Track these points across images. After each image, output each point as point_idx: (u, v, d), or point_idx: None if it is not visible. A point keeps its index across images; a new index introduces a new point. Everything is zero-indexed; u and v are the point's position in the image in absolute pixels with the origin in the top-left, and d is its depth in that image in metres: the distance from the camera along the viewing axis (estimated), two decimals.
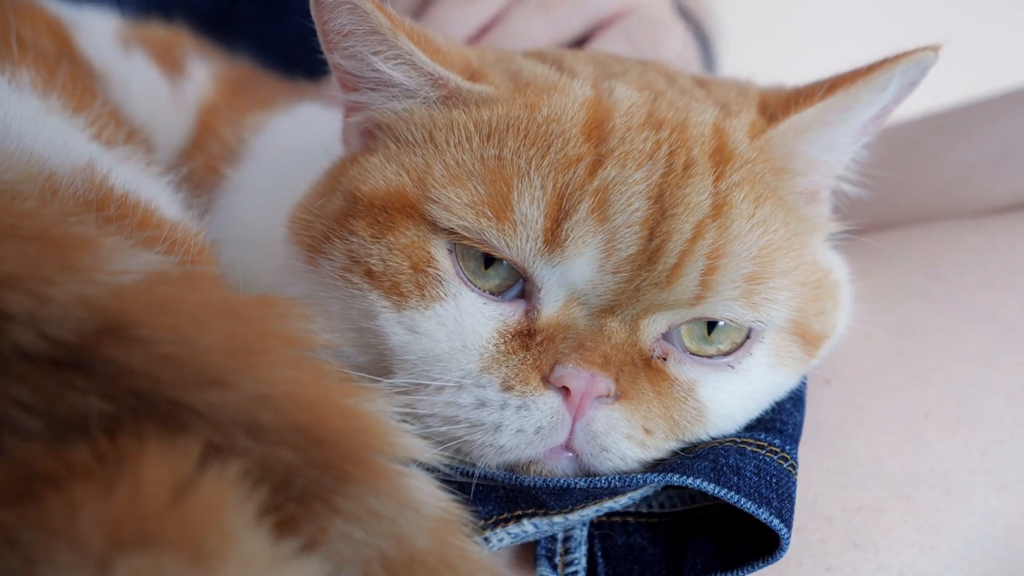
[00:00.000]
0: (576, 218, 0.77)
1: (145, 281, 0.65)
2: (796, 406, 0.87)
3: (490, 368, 0.79)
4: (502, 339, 0.80)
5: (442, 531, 0.67)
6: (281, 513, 0.60)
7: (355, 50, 0.84)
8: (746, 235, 0.80)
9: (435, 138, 0.83)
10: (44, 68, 0.92)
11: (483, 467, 0.80)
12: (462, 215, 0.79)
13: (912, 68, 0.82)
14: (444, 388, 0.79)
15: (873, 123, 0.86)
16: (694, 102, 0.86)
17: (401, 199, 0.81)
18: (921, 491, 0.87)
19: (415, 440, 0.69)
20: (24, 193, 0.71)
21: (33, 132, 0.79)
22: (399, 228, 0.81)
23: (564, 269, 0.78)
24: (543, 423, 0.78)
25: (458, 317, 0.79)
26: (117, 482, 0.56)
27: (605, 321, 0.79)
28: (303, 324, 0.68)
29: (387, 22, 0.81)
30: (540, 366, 0.78)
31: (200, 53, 1.25)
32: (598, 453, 0.79)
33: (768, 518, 0.78)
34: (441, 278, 0.80)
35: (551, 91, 0.83)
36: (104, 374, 0.59)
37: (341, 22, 0.83)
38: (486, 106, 0.83)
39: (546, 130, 0.80)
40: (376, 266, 0.81)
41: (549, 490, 0.79)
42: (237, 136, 1.08)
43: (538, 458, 0.80)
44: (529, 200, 0.78)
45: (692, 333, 0.82)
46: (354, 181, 0.84)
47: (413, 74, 0.83)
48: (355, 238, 0.82)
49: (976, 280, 0.98)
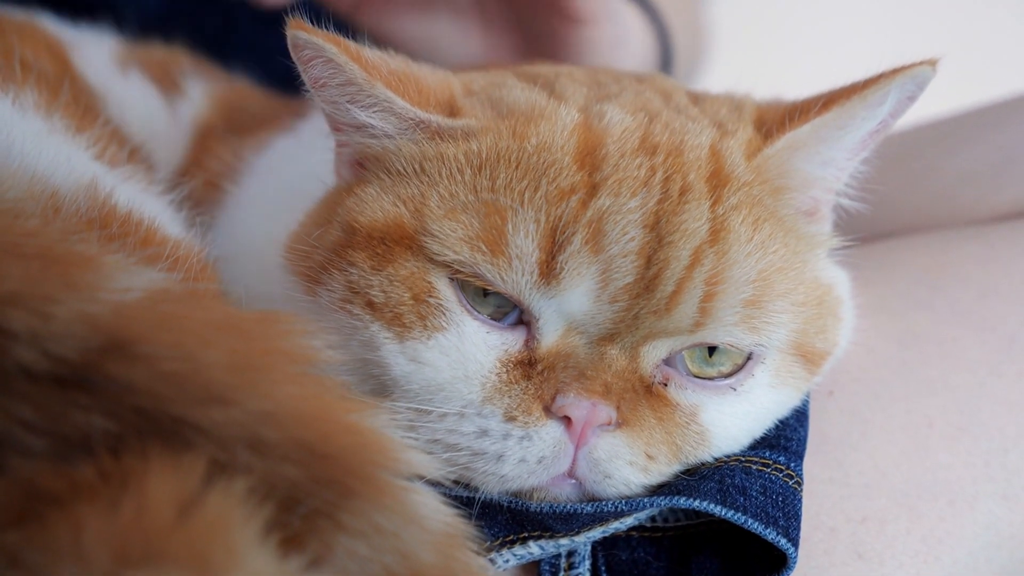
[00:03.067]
0: (571, 250, 0.77)
1: (148, 298, 0.65)
2: (800, 421, 0.87)
3: (493, 398, 0.79)
4: (504, 368, 0.79)
5: (447, 546, 0.66)
6: (286, 530, 0.60)
7: (334, 99, 0.84)
8: (744, 259, 0.79)
9: (427, 170, 0.82)
10: (47, 89, 0.92)
11: (486, 494, 0.80)
12: (458, 250, 0.78)
13: (909, 83, 0.81)
14: (446, 416, 0.79)
15: (871, 138, 0.86)
16: (690, 123, 0.85)
17: (399, 231, 0.81)
18: (925, 501, 0.87)
19: (419, 455, 0.69)
20: (27, 211, 0.71)
21: (36, 151, 0.79)
22: (399, 260, 0.80)
23: (561, 300, 0.78)
24: (545, 453, 0.78)
25: (460, 346, 0.79)
26: (122, 500, 0.55)
27: (605, 349, 0.79)
28: (306, 340, 0.68)
29: (362, 73, 0.80)
30: (542, 396, 0.78)
31: (197, 73, 1.25)
32: (601, 480, 0.79)
33: (775, 538, 0.77)
34: (443, 307, 0.79)
35: (539, 119, 0.82)
36: (107, 392, 0.59)
37: (317, 73, 0.82)
38: (474, 138, 0.82)
39: (537, 160, 0.79)
40: (377, 297, 0.80)
41: (555, 515, 0.79)
42: (237, 155, 1.08)
43: (541, 486, 0.80)
44: (523, 234, 0.77)
45: (693, 356, 0.81)
46: (351, 212, 0.83)
47: (393, 120, 0.83)
48: (354, 269, 0.81)
49: (978, 289, 0.98)
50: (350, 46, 0.81)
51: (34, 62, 0.98)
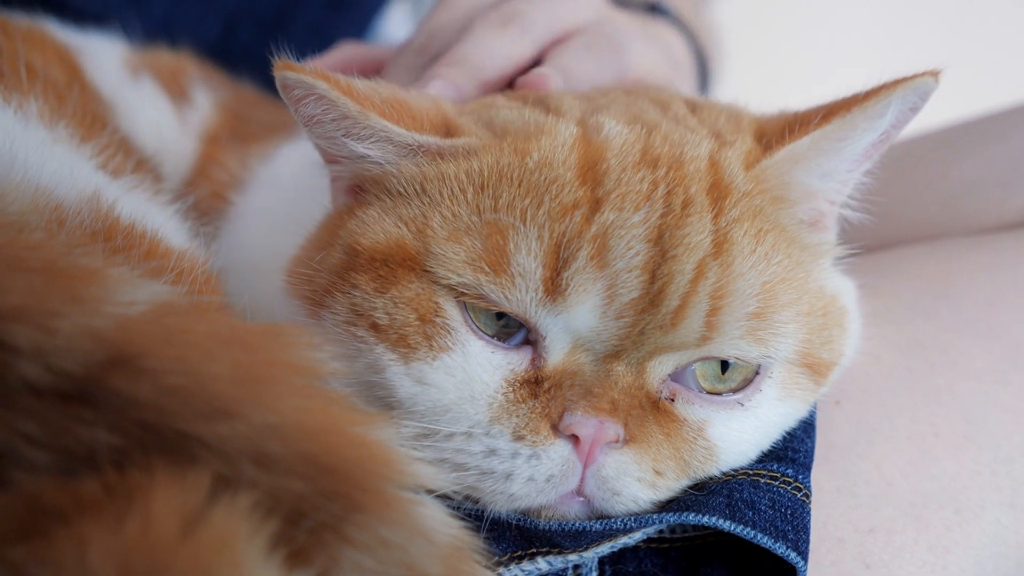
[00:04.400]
0: (575, 266, 0.76)
1: (152, 312, 0.64)
2: (807, 432, 0.87)
3: (500, 418, 0.78)
4: (511, 388, 0.79)
5: (454, 559, 0.66)
6: (292, 544, 0.59)
7: (329, 134, 0.83)
8: (749, 271, 0.79)
9: (428, 190, 0.81)
10: (53, 96, 0.92)
11: (494, 512, 0.80)
12: (461, 272, 0.78)
13: (911, 94, 0.81)
14: (453, 436, 0.79)
15: (873, 149, 0.85)
16: (689, 133, 0.85)
17: (402, 252, 0.80)
18: (932, 510, 0.87)
19: (425, 468, 0.68)
20: (31, 224, 0.71)
21: (39, 163, 0.79)
22: (402, 281, 0.80)
23: (567, 317, 0.77)
24: (554, 471, 0.78)
25: (466, 367, 0.79)
26: (127, 515, 0.55)
27: (611, 366, 0.78)
28: (310, 352, 0.68)
29: (356, 106, 0.80)
30: (549, 414, 0.78)
31: (204, 80, 1.25)
32: (610, 497, 0.79)
33: (785, 552, 0.77)
34: (449, 327, 0.79)
35: (538, 134, 0.82)
36: (111, 406, 0.59)
37: (310, 111, 0.82)
38: (475, 156, 0.81)
39: (539, 177, 0.79)
40: (381, 319, 0.80)
41: (565, 533, 0.79)
42: (243, 164, 1.08)
43: (550, 504, 0.79)
44: (526, 252, 0.77)
45: (706, 374, 0.81)
46: (353, 235, 0.82)
47: (390, 148, 0.82)
48: (358, 292, 0.80)
49: (984, 298, 0.97)
50: (340, 80, 0.81)
51: (41, 68, 0.98)
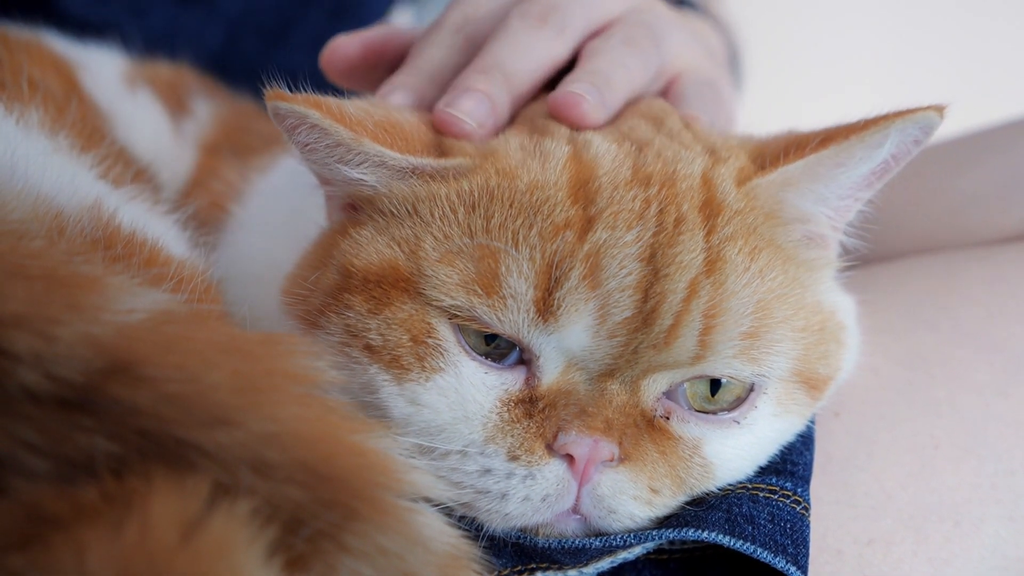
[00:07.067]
0: (568, 286, 0.76)
1: (152, 320, 0.64)
2: (805, 445, 0.86)
3: (495, 438, 0.78)
4: (505, 408, 0.79)
5: (452, 567, 0.66)
6: (290, 552, 0.59)
7: (324, 161, 0.83)
8: (742, 290, 0.78)
9: (419, 211, 0.81)
10: (53, 107, 0.92)
11: (491, 530, 0.79)
12: (454, 295, 0.77)
13: (911, 127, 0.80)
14: (448, 454, 0.78)
15: (874, 177, 0.84)
16: (683, 150, 0.84)
17: (395, 273, 0.80)
18: (931, 523, 0.87)
19: (423, 476, 0.68)
20: (31, 232, 0.71)
21: (40, 171, 0.79)
22: (396, 303, 0.79)
23: (559, 337, 0.77)
24: (549, 491, 0.78)
25: (459, 388, 0.78)
26: (126, 522, 0.55)
27: (605, 384, 0.78)
28: (309, 361, 0.68)
29: (348, 132, 0.80)
30: (544, 434, 0.78)
31: (203, 92, 1.25)
32: (606, 515, 0.79)
33: (784, 566, 0.77)
34: (442, 348, 0.79)
35: (529, 156, 0.81)
36: (111, 414, 0.59)
37: (304, 139, 0.82)
38: (465, 177, 0.81)
39: (530, 197, 0.79)
40: (375, 340, 0.79)
41: (564, 550, 0.79)
42: (242, 175, 1.08)
43: (546, 523, 0.79)
44: (517, 274, 0.76)
45: (695, 395, 0.80)
46: (346, 255, 0.82)
47: (384, 172, 0.82)
48: (351, 312, 0.80)
49: (985, 310, 0.97)
50: (332, 107, 0.80)
51: (41, 80, 0.99)
